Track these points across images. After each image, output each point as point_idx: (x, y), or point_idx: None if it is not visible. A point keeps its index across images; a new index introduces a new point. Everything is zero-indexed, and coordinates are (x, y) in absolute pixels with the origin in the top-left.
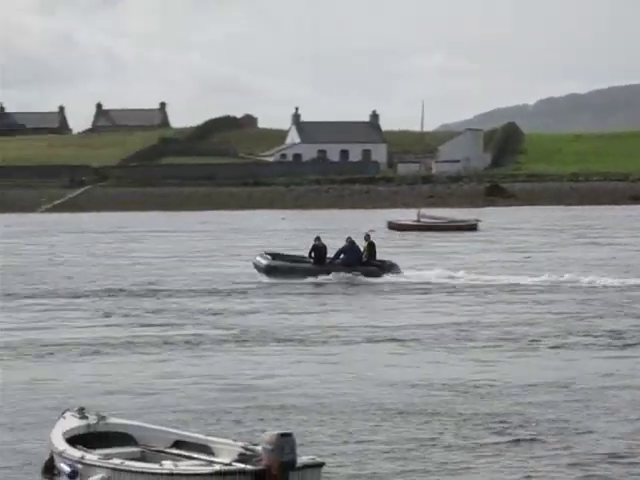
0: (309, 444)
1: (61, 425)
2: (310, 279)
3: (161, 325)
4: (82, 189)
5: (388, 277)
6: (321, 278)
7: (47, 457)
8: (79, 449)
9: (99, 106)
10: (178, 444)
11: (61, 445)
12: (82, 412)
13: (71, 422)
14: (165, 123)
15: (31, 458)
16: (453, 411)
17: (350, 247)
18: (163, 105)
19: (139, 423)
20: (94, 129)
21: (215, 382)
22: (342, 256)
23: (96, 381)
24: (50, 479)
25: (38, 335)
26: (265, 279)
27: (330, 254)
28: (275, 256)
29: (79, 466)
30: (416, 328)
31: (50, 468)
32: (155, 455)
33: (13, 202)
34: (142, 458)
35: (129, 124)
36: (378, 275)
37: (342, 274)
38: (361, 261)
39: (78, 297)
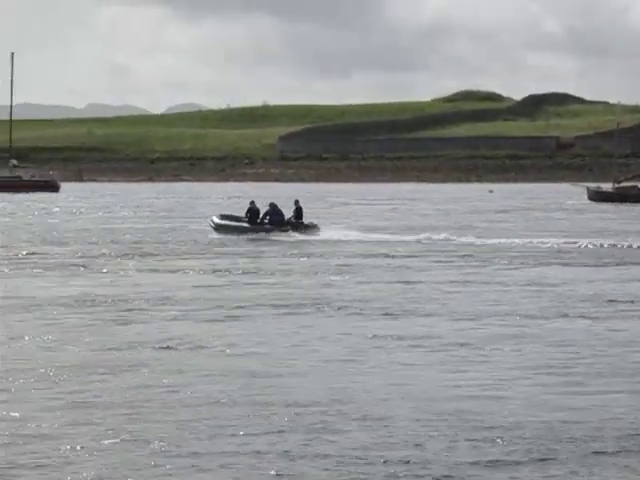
0: None
1: None
2: (245, 236)
3: None
4: None
5: (298, 235)
6: (253, 235)
7: None
8: None
9: None
10: None
11: None
12: None
13: None
14: None
15: None
16: None
17: (272, 210)
18: None
19: None
20: None
21: None
22: (268, 217)
23: None
24: None
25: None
26: (214, 235)
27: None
28: (224, 217)
29: None
30: None
31: None
32: None
33: None
34: None
35: None
36: (288, 232)
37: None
38: (283, 221)
39: None
